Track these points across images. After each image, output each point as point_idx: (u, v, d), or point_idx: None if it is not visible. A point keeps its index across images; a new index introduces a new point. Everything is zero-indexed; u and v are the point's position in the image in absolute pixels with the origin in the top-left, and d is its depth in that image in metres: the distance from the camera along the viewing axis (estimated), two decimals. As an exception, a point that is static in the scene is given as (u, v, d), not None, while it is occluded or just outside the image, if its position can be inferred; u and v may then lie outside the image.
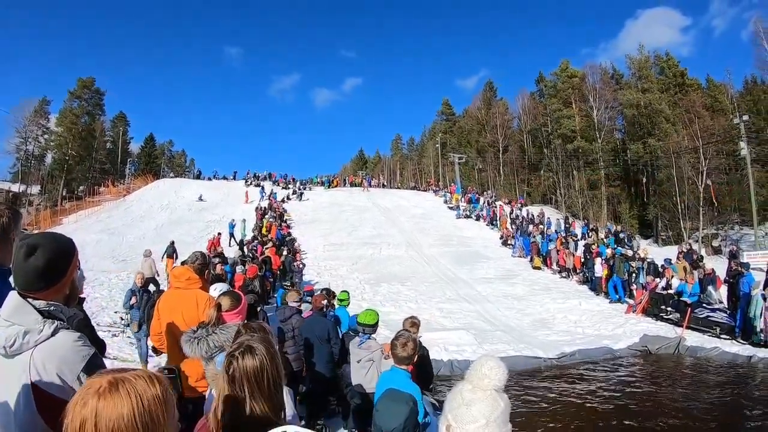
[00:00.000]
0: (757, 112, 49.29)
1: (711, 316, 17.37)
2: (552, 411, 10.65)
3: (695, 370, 14.27)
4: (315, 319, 8.98)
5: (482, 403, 2.33)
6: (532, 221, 37.45)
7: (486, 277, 26.52)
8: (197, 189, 49.97)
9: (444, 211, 46.62)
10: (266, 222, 34.05)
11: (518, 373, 13.65)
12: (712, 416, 10.22)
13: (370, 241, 33.44)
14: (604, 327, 18.31)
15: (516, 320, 19.52)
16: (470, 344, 15.69)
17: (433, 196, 54.66)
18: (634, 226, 51.76)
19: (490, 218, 41.29)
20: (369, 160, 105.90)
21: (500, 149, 68.13)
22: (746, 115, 40.25)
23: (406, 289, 23.34)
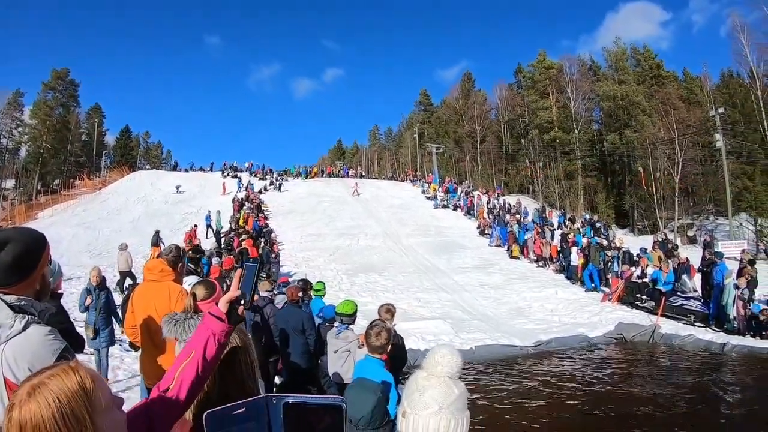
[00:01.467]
0: (733, 105, 49.82)
1: (685, 304, 17.55)
2: (528, 398, 10.66)
3: (670, 357, 14.42)
4: (290, 310, 8.92)
5: (435, 389, 2.34)
6: (509, 211, 37.59)
7: (463, 266, 26.61)
8: (174, 181, 49.47)
9: (421, 201, 46.68)
10: (243, 213, 33.78)
11: (495, 361, 13.72)
12: (686, 403, 10.31)
13: (347, 232, 33.37)
14: (580, 315, 18.45)
15: (493, 309, 19.61)
16: (447, 333, 15.70)
17: (410, 186, 54.68)
18: (611, 216, 52.24)
19: (467, 208, 41.36)
20: (347, 150, 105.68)
21: (478, 139, 68.23)
22: (722, 107, 40.74)
23: (383, 279, 23.35)
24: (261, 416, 1.06)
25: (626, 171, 54.49)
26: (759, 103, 46.14)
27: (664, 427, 9.04)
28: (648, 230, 46.79)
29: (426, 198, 47.58)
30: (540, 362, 13.83)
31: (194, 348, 1.87)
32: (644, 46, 63.37)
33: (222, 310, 1.95)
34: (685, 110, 50.70)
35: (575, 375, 12.55)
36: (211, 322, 1.91)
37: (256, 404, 1.07)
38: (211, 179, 52.18)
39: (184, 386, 1.81)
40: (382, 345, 4.77)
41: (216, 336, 1.89)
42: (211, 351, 1.87)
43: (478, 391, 11.07)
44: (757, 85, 47.03)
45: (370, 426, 3.14)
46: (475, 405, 10.14)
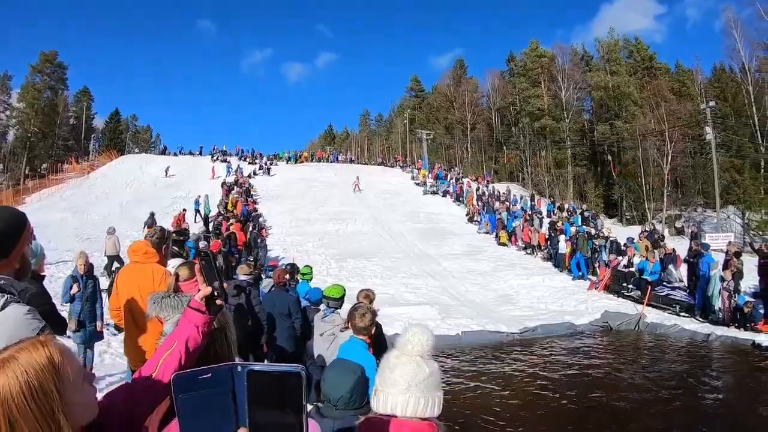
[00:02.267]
0: (724, 99, 50.00)
1: (671, 294, 17.70)
2: (512, 384, 10.73)
3: (654, 346, 14.51)
4: (276, 294, 8.90)
5: (404, 367, 2.29)
6: (499, 198, 37.68)
7: (452, 253, 26.69)
8: (163, 164, 49.03)
9: (411, 187, 46.79)
10: (232, 198, 33.65)
11: (481, 347, 13.83)
12: (669, 391, 10.36)
13: (336, 217, 33.33)
14: (566, 303, 18.60)
15: (480, 296, 19.71)
16: (434, 319, 15.70)
17: (400, 172, 54.75)
18: (600, 206, 52.39)
19: (456, 195, 41.40)
20: (337, 135, 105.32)
21: (468, 126, 68.19)
22: (713, 101, 40.92)
23: (371, 265, 23.37)
24: (226, 383, 1.06)
25: (616, 161, 54.59)
26: (750, 98, 46.38)
27: (646, 415, 9.10)
28: (636, 221, 46.97)
29: (415, 184, 47.67)
30: (526, 349, 13.87)
31: (177, 338, 1.90)
32: (636, 38, 63.44)
33: (199, 301, 1.98)
34: (676, 102, 50.80)
35: (560, 362, 12.62)
36: (192, 315, 1.95)
37: (222, 371, 1.08)
38: (200, 163, 51.84)
39: (166, 374, 1.82)
40: (366, 326, 4.92)
41: (198, 327, 1.92)
42: (193, 341, 1.90)
43: (462, 375, 11.14)
44: (748, 80, 47.26)
45: (349, 406, 3.12)
46: (459, 389, 10.26)
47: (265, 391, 0.91)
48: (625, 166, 52.36)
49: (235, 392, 1.06)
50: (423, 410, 2.23)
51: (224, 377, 1.08)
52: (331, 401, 3.19)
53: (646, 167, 49.49)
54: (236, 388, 1.06)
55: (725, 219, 40.53)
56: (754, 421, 8.78)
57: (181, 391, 1.08)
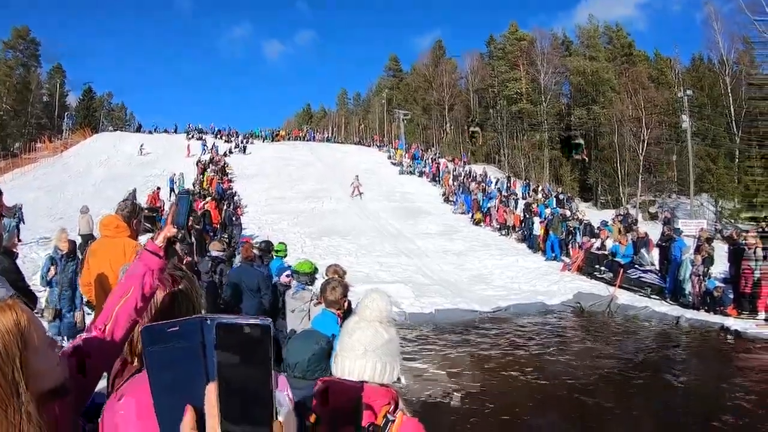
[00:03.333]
0: (701, 89, 50.35)
1: (643, 276, 17.86)
2: (481, 361, 10.87)
3: (625, 327, 14.69)
4: (244, 269, 8.80)
5: (362, 332, 2.29)
6: (475, 179, 37.76)
7: (427, 232, 26.70)
8: (137, 142, 48.37)
9: (387, 166, 46.75)
10: (207, 176, 33.35)
11: (453, 324, 13.93)
12: (639, 370, 10.54)
13: (312, 195, 33.25)
14: (539, 283, 18.72)
15: (454, 275, 19.78)
16: (408, 297, 15.84)
17: (377, 151, 54.68)
18: (575, 189, 52.74)
19: (432, 175, 41.49)
20: (314, 114, 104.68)
21: (446, 107, 68.10)
22: (690, 90, 41.29)
23: (346, 243, 23.33)
24: (195, 336, 0.99)
25: (592, 146, 54.95)
26: (727, 89, 46.84)
27: (613, 395, 9.22)
28: (611, 205, 47.33)
29: (392, 164, 47.67)
30: (498, 327, 13.98)
31: (132, 284, 1.86)
32: (616, 24, 63.67)
33: (159, 245, 1.97)
34: (654, 90, 51.16)
35: (531, 339, 12.77)
36: (148, 258, 1.92)
37: (191, 324, 1.00)
38: (175, 141, 51.35)
39: (120, 322, 1.81)
40: (337, 299, 5.04)
41: (153, 272, 1.90)
42: (148, 286, 1.88)
43: (434, 352, 11.27)
44: (726, 72, 47.72)
45: (307, 374, 3.06)
46: (428, 364, 10.38)
47: (233, 344, 0.85)
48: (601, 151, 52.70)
49: (205, 346, 1.00)
50: (380, 375, 2.22)
51: (193, 331, 1.02)
52: (289, 367, 3.13)
53: (622, 153, 49.89)
54: (206, 342, 1.00)
55: (699, 206, 41.16)
56: (719, 403, 8.88)
57: (149, 343, 1.01)
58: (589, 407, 8.62)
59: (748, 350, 12.34)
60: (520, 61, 61.30)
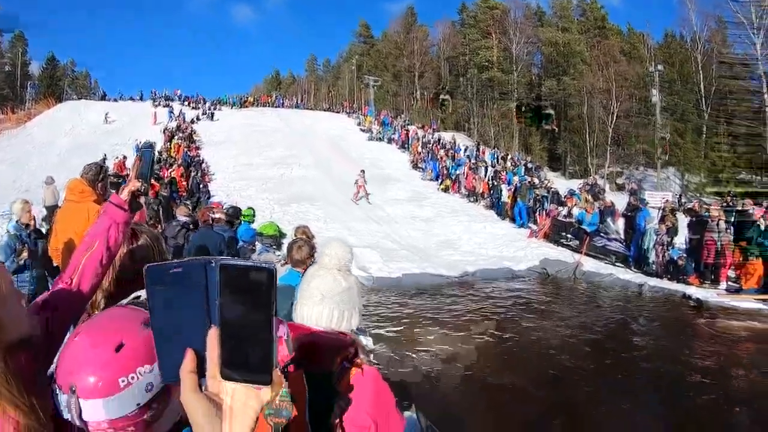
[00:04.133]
0: (672, 64, 50.68)
1: (608, 245, 18.17)
2: (451, 325, 10.89)
3: (590, 292, 14.87)
4: (206, 232, 8.64)
5: (320, 279, 2.29)
6: (443, 146, 37.82)
7: (395, 198, 26.82)
8: (102, 110, 47.34)
9: (356, 133, 46.50)
10: (174, 143, 32.83)
11: (421, 289, 14.02)
12: (605, 334, 10.76)
13: (281, 162, 32.90)
14: (506, 250, 18.91)
15: (422, 241, 19.92)
16: (376, 262, 15.97)
17: (346, 118, 54.37)
18: (544, 158, 53.08)
19: (401, 141, 41.41)
20: (283, 80, 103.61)
21: (416, 74, 67.85)
22: (661, 65, 41.83)
23: (315, 209, 23.21)
24: (198, 278, 0.97)
25: (562, 117, 55.26)
26: (698, 66, 47.28)
27: (573, 357, 9.31)
28: (579, 175, 47.62)
29: (360, 130, 47.39)
30: (464, 292, 14.09)
31: (97, 238, 1.90)
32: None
33: (123, 199, 2.01)
34: (626, 64, 51.44)
35: (496, 304, 12.87)
36: (112, 211, 1.96)
37: (195, 266, 0.98)
38: (141, 109, 50.14)
39: (86, 275, 1.84)
40: (303, 258, 5.15)
41: (118, 225, 1.94)
42: (113, 239, 1.92)
43: (401, 316, 11.31)
44: (698, 49, 48.10)
45: None
46: (396, 328, 10.45)
47: (236, 287, 0.84)
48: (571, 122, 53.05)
49: (208, 288, 0.97)
50: (338, 323, 2.22)
51: (197, 272, 0.99)
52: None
53: (592, 124, 50.29)
54: (209, 284, 0.97)
55: (665, 179, 42.10)
56: (677, 368, 9.04)
57: (152, 282, 0.98)
58: (556, 369, 8.69)
59: (710, 317, 12.56)
60: (492, 29, 61.05)
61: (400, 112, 60.51)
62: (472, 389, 7.77)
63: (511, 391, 7.75)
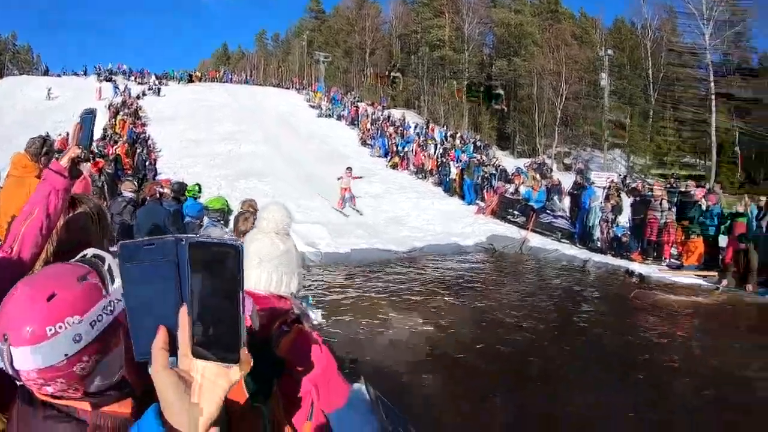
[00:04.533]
0: (622, 50, 51.63)
1: (554, 221, 18.46)
2: (399, 299, 10.93)
3: (536, 267, 15.11)
4: (151, 207, 8.51)
5: (258, 243, 2.29)
6: (393, 123, 37.83)
7: (344, 175, 26.47)
8: (45, 86, 45.40)
9: (306, 109, 45.94)
10: (119, 120, 31.92)
11: (369, 264, 14.07)
12: (550, 308, 10.94)
13: (229, 137, 32.35)
14: (454, 226, 19.02)
15: (371, 217, 20.01)
16: (324, 238, 15.89)
17: (295, 94, 53.71)
18: (493, 137, 53.59)
19: (351, 118, 41.20)
20: (232, 55, 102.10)
21: (368, 51, 67.56)
22: (611, 50, 42.79)
23: (263, 185, 22.99)
24: (169, 255, 0.94)
25: (512, 97, 55.76)
26: (647, 53, 48.28)
27: (521, 330, 9.40)
28: (527, 154, 48.26)
29: (310, 107, 46.88)
30: (412, 267, 14.19)
31: (37, 205, 1.93)
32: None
33: (63, 165, 2.03)
34: (577, 48, 52.11)
35: (443, 276, 13.05)
36: (52, 178, 1.98)
37: (167, 243, 0.94)
38: (85, 84, 48.43)
39: (26, 243, 1.87)
40: (248, 230, 4.82)
41: (58, 191, 1.95)
42: (53, 206, 1.94)
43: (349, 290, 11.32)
44: (648, 36, 49.08)
45: None
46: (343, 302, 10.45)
47: (204, 264, 0.84)
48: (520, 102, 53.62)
49: (179, 266, 0.94)
50: (277, 286, 2.22)
51: (168, 250, 0.95)
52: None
53: (541, 105, 50.93)
54: (180, 261, 0.94)
55: (611, 160, 43.37)
56: (622, 340, 9.25)
57: (125, 259, 0.94)
58: (505, 342, 8.76)
59: (652, 290, 12.77)
60: (445, 8, 61.10)
61: (350, 89, 60.19)
62: (421, 362, 7.77)
63: (460, 364, 7.78)
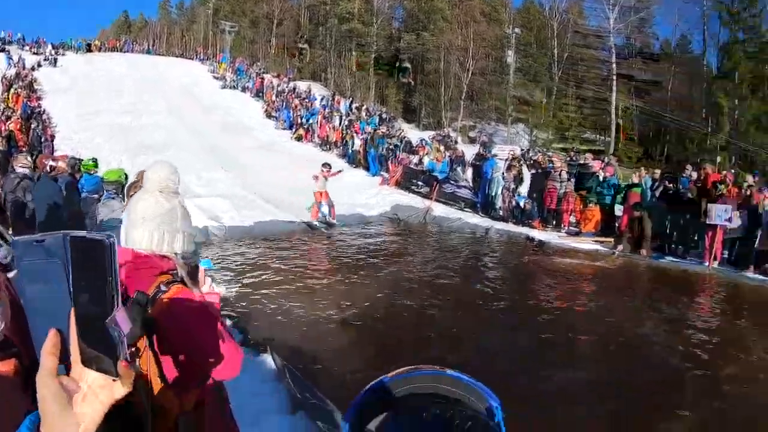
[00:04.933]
0: (530, 29, 52.86)
1: (457, 191, 18.85)
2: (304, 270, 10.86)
3: (440, 236, 15.40)
4: (43, 183, 8.11)
5: (144, 202, 2.26)
6: (298, 95, 37.53)
7: (248, 147, 26.28)
8: None
9: (210, 81, 44.93)
10: (12, 93, 30.06)
11: (273, 236, 14.06)
12: (455, 274, 11.16)
13: (130, 110, 31.14)
14: (359, 197, 19.18)
15: (275, 189, 19.72)
16: (228, 211, 15.78)
17: (199, 64, 52.53)
18: (399, 110, 53.91)
19: (256, 90, 40.56)
20: (133, 23, 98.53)
21: (275, 22, 66.43)
22: (519, 29, 44.77)
23: (164, 158, 22.06)
24: (59, 251, 0.88)
25: (419, 71, 56.21)
26: (554, 33, 49.75)
27: (427, 296, 9.45)
28: (433, 127, 48.80)
29: (214, 78, 45.95)
30: (317, 238, 14.40)
31: None
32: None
33: None
34: (486, 25, 52.88)
35: (350, 249, 13.09)
36: None
37: (55, 238, 0.89)
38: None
39: None
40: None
41: None
42: None
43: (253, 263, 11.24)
44: (555, 18, 50.58)
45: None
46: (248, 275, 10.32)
47: (81, 263, 0.83)
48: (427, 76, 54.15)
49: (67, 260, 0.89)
50: (159, 245, 2.19)
51: (57, 245, 0.89)
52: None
53: (447, 79, 51.53)
54: (67, 256, 0.89)
55: (515, 134, 44.77)
56: (526, 302, 9.58)
57: (20, 256, 0.90)
58: (410, 309, 8.82)
59: (552, 257, 13.35)
60: (356, -19, 60.87)
61: (256, 59, 59.16)
62: (326, 331, 7.70)
63: (366, 331, 7.79)
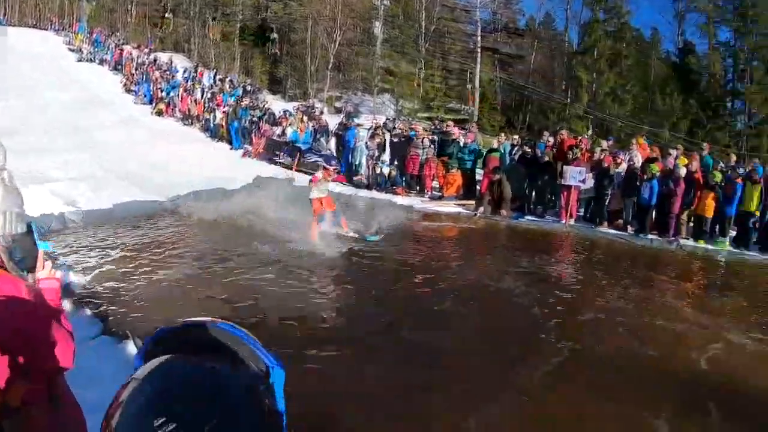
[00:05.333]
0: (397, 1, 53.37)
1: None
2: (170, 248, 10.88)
3: (301, 205, 15.33)
4: None
5: None
6: (159, 68, 36.43)
7: (105, 124, 25.11)
8: None
9: (64, 53, 42.95)
10: None
11: (132, 217, 13.73)
12: (318, 243, 11.29)
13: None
14: (220, 171, 18.83)
15: (135, 166, 19.12)
16: (84, 194, 15.03)
17: (54, 35, 49.68)
18: (264, 81, 53.26)
19: (114, 63, 39.16)
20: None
21: (134, -9, 63.55)
22: (387, 1, 46.43)
23: (13, 144, 20.40)
24: None
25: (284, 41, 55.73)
26: (422, 6, 50.42)
27: (297, 266, 9.72)
28: (299, 98, 48.63)
29: (69, 50, 43.84)
30: (178, 215, 14.23)
31: None
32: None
33: None
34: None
35: (211, 225, 13.20)
36: None
37: None
38: None
39: None
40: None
41: None
42: None
43: (108, 246, 10.83)
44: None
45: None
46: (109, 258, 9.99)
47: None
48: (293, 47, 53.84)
49: None
50: None
51: None
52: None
53: (314, 50, 51.30)
54: None
55: (381, 104, 45.34)
56: (388, 266, 10.29)
57: None
58: (287, 277, 9.07)
59: (417, 220, 14.37)
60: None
61: (115, 30, 56.49)
62: (193, 310, 7.46)
63: (228, 306, 7.76)
